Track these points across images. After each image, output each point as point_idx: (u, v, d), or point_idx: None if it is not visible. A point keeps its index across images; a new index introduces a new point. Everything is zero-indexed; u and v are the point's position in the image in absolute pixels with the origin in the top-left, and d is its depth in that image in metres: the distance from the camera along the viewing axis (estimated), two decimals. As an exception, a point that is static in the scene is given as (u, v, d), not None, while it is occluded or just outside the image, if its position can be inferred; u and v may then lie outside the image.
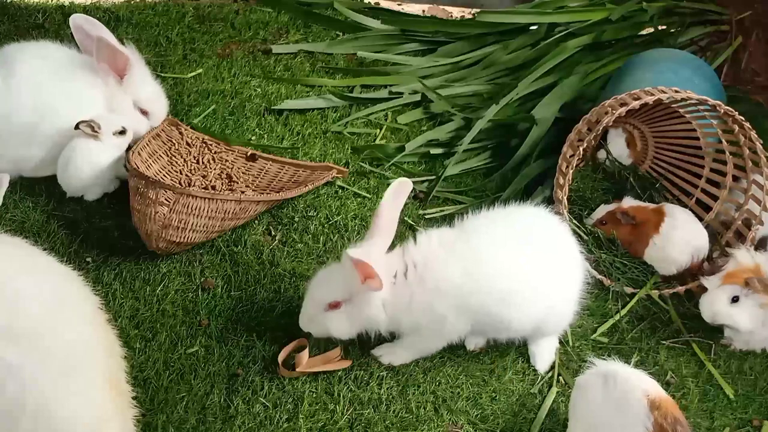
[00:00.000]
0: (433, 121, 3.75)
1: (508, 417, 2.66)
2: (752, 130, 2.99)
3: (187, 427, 2.46)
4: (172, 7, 4.15)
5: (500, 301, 2.53)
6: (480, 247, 2.54)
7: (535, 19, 4.12)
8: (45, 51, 3.20)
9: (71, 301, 2.03)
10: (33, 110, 3.05)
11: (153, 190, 2.79)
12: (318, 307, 2.55)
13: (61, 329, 1.91)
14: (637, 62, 3.54)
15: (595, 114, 3.10)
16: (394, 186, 2.54)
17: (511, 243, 2.57)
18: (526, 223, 2.66)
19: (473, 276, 2.49)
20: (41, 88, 3.06)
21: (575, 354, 2.90)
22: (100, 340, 2.02)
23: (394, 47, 4.13)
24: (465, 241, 2.55)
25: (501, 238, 2.57)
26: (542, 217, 2.72)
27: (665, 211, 3.17)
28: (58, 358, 1.86)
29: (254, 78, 3.81)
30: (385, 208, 2.52)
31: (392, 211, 2.54)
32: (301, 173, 3.33)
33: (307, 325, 2.60)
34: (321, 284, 2.57)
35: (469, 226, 2.62)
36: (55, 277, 2.09)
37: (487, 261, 2.51)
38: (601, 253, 3.20)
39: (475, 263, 2.50)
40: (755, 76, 4.24)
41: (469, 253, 2.52)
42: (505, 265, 2.53)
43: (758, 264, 2.85)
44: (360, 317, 2.54)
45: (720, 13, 4.30)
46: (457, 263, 2.50)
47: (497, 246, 2.54)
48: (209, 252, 3.01)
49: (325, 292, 2.54)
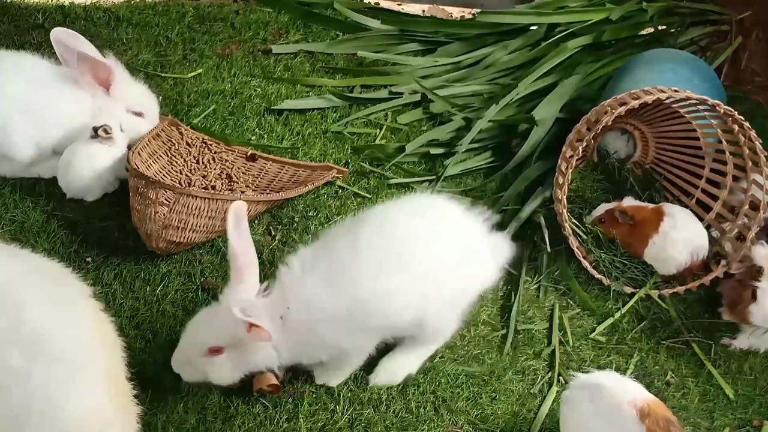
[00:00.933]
0: (433, 121, 3.75)
1: (508, 417, 2.67)
2: (752, 130, 2.99)
3: (187, 427, 2.47)
4: (172, 7, 4.15)
5: (372, 300, 2.36)
6: (340, 252, 2.38)
7: (535, 19, 4.12)
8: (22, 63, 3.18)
9: (69, 300, 2.03)
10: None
11: (153, 190, 2.79)
12: (196, 352, 2.36)
13: (63, 331, 1.91)
14: (637, 62, 3.54)
15: (595, 114, 3.10)
16: (231, 214, 2.33)
17: (377, 240, 2.40)
18: (402, 217, 2.50)
19: (339, 288, 2.33)
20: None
21: (575, 354, 2.91)
22: (99, 337, 2.03)
23: (394, 47, 4.12)
24: (325, 254, 2.40)
25: (366, 237, 2.40)
26: (436, 206, 2.62)
27: (665, 211, 3.17)
28: (62, 361, 1.86)
29: (254, 78, 3.81)
30: (235, 241, 2.32)
31: (243, 240, 2.35)
32: (301, 173, 3.33)
33: (181, 368, 2.41)
34: (201, 326, 2.37)
35: (329, 234, 2.49)
36: (50, 276, 2.09)
37: (349, 265, 2.35)
38: (601, 253, 3.20)
39: (337, 273, 2.35)
40: (755, 76, 4.24)
41: (328, 264, 2.37)
42: (370, 262, 2.36)
43: None
44: (246, 364, 2.38)
45: (720, 13, 4.30)
46: (320, 283, 2.34)
47: (360, 247, 2.38)
48: (209, 252, 3.01)
49: (205, 335, 2.35)
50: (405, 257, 2.40)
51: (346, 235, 2.43)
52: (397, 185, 3.42)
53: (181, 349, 2.40)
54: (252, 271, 2.36)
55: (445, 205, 2.64)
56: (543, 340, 2.96)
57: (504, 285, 3.12)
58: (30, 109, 3.08)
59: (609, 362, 2.90)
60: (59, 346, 1.87)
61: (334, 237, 2.46)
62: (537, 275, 3.16)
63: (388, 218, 2.49)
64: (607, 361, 2.90)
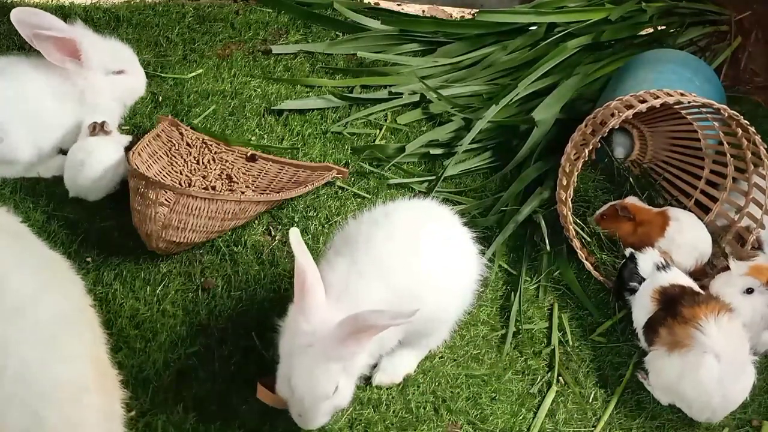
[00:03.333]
0: (433, 121, 3.76)
1: (507, 417, 2.67)
2: (757, 134, 2.99)
3: (187, 427, 2.47)
4: (172, 7, 4.15)
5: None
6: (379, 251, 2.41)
7: (534, 19, 4.12)
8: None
9: (57, 281, 2.06)
10: None
11: (153, 190, 2.79)
12: (326, 401, 2.28)
13: (47, 305, 1.94)
14: (638, 63, 3.54)
15: (600, 116, 3.08)
16: (294, 238, 2.33)
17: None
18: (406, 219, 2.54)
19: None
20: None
21: (575, 354, 2.91)
22: (84, 321, 2.05)
23: (394, 47, 4.13)
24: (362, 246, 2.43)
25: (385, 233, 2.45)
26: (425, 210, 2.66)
27: (670, 215, 3.15)
28: (42, 329, 1.89)
29: (254, 78, 3.81)
30: (302, 260, 2.28)
31: (308, 258, 2.31)
32: (301, 174, 3.34)
33: (322, 421, 2.35)
34: (313, 379, 2.24)
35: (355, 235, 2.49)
36: (40, 257, 2.13)
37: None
38: (602, 255, 3.20)
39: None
40: (754, 77, 4.24)
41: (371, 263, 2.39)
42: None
43: None
44: (354, 376, 2.35)
45: (719, 13, 4.31)
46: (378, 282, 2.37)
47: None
48: (209, 252, 3.02)
49: (324, 384, 2.25)
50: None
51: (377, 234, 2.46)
52: (397, 185, 3.42)
53: (313, 412, 2.29)
54: (320, 289, 2.31)
55: (441, 211, 2.67)
56: (543, 340, 2.96)
57: (503, 285, 3.13)
58: (23, 112, 3.09)
59: (608, 362, 2.91)
60: (40, 317, 1.90)
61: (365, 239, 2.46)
62: (536, 275, 3.17)
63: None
64: (607, 361, 2.91)
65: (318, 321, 2.24)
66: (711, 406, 2.61)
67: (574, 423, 2.72)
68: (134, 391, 2.53)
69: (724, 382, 2.55)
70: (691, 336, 2.58)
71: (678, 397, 2.68)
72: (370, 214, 2.57)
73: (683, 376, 2.59)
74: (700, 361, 2.55)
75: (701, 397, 2.59)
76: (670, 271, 2.85)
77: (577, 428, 2.71)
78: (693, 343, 2.57)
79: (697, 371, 2.56)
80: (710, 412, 2.64)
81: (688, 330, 2.59)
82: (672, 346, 2.63)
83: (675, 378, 2.62)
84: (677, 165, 3.53)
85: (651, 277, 2.85)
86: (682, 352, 2.59)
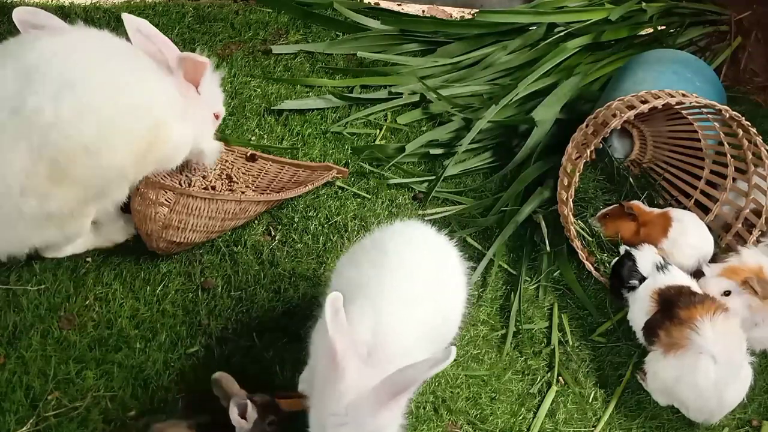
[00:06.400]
0: (433, 121, 3.76)
1: (507, 417, 2.67)
2: (759, 135, 2.99)
3: (187, 427, 2.47)
4: (172, 7, 4.14)
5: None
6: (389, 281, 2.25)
7: (534, 19, 4.13)
8: None
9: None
10: None
11: (153, 190, 2.79)
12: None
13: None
14: (638, 63, 3.54)
15: (601, 116, 3.08)
16: (329, 307, 2.01)
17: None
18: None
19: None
20: None
21: (575, 354, 2.91)
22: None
23: (394, 47, 4.12)
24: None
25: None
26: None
27: (672, 216, 3.15)
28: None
29: (254, 78, 3.80)
30: (335, 334, 2.00)
31: (344, 331, 2.04)
32: (301, 173, 3.33)
33: None
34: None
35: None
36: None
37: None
38: (603, 255, 3.20)
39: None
40: (754, 77, 4.25)
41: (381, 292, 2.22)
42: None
43: (761, 266, 2.85)
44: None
45: (719, 13, 4.31)
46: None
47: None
48: (209, 252, 3.02)
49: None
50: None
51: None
52: (397, 185, 3.42)
53: None
54: (352, 364, 2.02)
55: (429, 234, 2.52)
56: (542, 340, 2.96)
57: (503, 285, 3.13)
58: None
59: (608, 362, 2.91)
60: None
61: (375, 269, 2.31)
62: (537, 275, 3.17)
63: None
64: (607, 361, 2.91)
65: (350, 397, 1.99)
66: (708, 408, 2.61)
67: (574, 423, 2.72)
68: (134, 391, 2.53)
69: (721, 384, 2.55)
70: (686, 337, 2.58)
71: (675, 398, 2.68)
72: (364, 254, 2.38)
73: (680, 378, 2.60)
74: (696, 363, 2.55)
75: (698, 399, 2.59)
76: (670, 271, 2.85)
77: (577, 428, 2.71)
78: (689, 344, 2.57)
79: (693, 374, 2.56)
80: (708, 414, 2.64)
81: (684, 331, 2.59)
82: (668, 348, 2.63)
83: (672, 380, 2.63)
84: (677, 165, 3.53)
85: (651, 277, 2.85)
86: (678, 354, 2.59)
